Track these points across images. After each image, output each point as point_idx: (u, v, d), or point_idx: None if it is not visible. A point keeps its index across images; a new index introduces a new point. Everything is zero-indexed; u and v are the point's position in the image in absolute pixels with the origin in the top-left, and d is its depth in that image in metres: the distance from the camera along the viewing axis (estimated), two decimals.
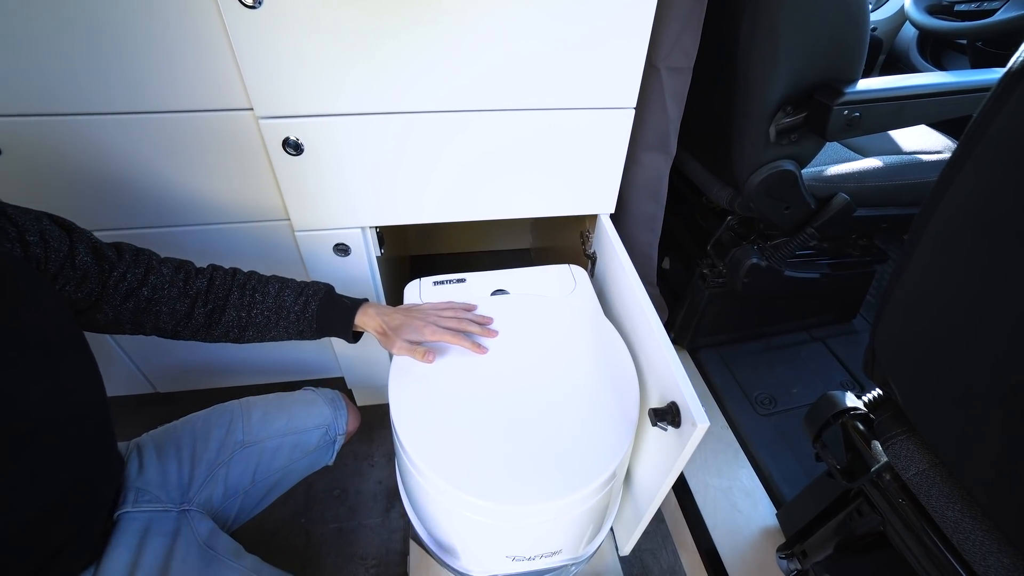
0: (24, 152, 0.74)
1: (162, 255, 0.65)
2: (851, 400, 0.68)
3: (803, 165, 0.94)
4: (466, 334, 0.73)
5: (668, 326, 1.26)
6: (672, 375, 0.60)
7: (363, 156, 0.75)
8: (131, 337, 0.99)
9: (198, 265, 0.67)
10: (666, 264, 1.45)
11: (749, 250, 1.07)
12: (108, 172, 0.77)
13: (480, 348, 0.73)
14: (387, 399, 1.08)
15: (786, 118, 0.85)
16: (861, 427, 0.64)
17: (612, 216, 0.90)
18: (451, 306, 0.78)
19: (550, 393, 0.67)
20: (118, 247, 0.60)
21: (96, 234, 0.59)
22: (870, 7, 1.59)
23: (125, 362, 1.04)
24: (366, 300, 0.73)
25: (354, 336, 0.73)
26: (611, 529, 0.87)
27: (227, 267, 0.69)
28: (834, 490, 0.76)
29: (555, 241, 1.33)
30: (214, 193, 0.82)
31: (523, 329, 0.76)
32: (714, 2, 0.74)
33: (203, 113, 0.73)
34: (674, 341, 1.26)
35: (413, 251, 1.69)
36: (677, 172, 1.14)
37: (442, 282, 0.84)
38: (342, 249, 0.86)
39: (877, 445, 0.61)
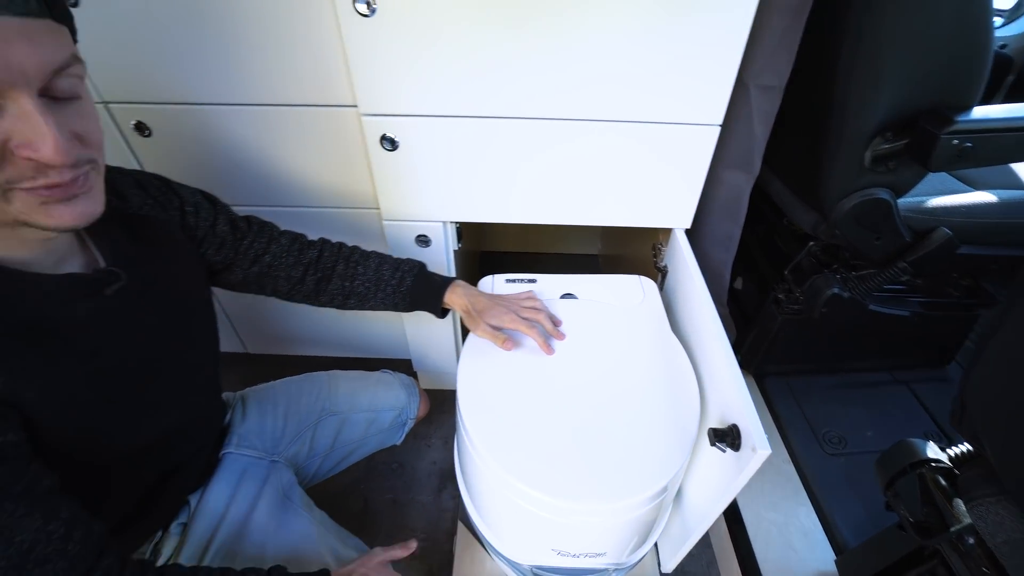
0: (169, 134, 0.86)
1: None
2: (933, 451, 0.64)
3: (900, 194, 0.88)
4: (540, 331, 0.77)
5: (735, 348, 1.22)
6: (736, 397, 0.60)
7: (452, 155, 0.80)
8: (234, 302, 1.13)
9: (310, 238, 0.76)
10: (739, 284, 1.40)
11: (831, 279, 1.02)
12: (233, 155, 0.88)
13: (548, 347, 0.76)
14: (449, 385, 1.14)
15: (884, 144, 0.80)
16: (943, 482, 0.60)
17: (687, 231, 0.89)
18: (532, 298, 0.82)
19: (611, 399, 0.69)
20: (248, 220, 0.70)
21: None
22: (998, 22, 1.45)
23: (225, 323, 1.17)
24: (455, 279, 0.79)
25: (442, 312, 0.79)
26: (656, 543, 0.86)
27: (335, 241, 0.77)
28: (905, 545, 0.71)
29: (625, 250, 1.33)
30: (317, 180, 0.91)
31: (590, 334, 0.78)
32: (812, 19, 0.72)
33: (314, 108, 0.81)
34: (740, 365, 1.22)
35: (485, 247, 1.74)
36: (759, 191, 1.10)
37: (514, 280, 0.88)
38: (423, 240, 0.92)
39: (960, 504, 0.57)
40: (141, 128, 0.85)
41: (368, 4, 0.64)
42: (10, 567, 0.39)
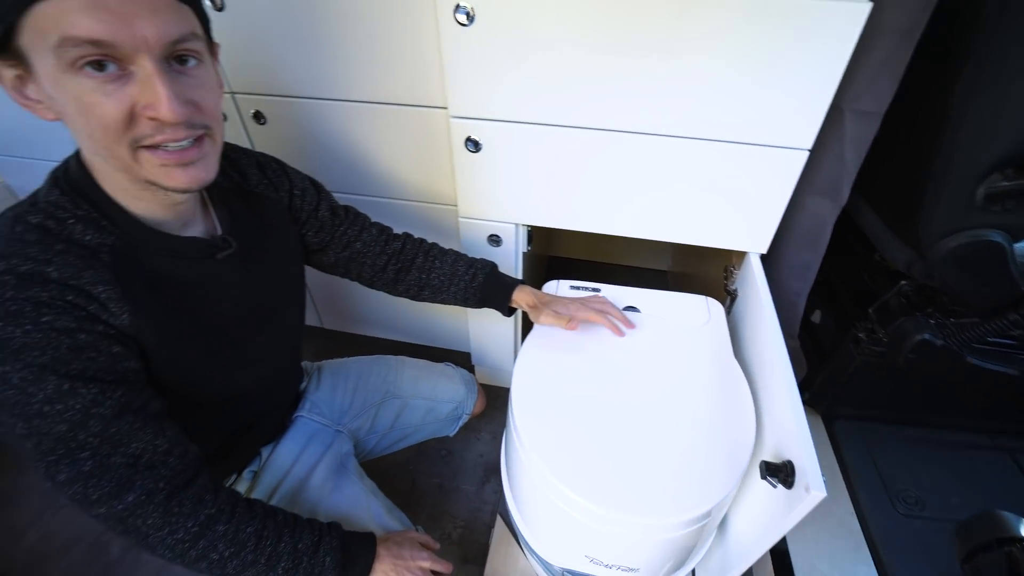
0: (281, 122, 0.96)
1: None
2: None
3: (1017, 238, 0.80)
4: (609, 319, 0.79)
5: (804, 384, 1.15)
6: (795, 432, 0.57)
7: (531, 160, 0.83)
8: (319, 281, 1.23)
9: (395, 231, 0.82)
10: (816, 317, 1.32)
11: (922, 323, 0.94)
12: (332, 145, 0.96)
13: (618, 329, 0.78)
14: (504, 383, 1.17)
15: (1004, 181, 0.73)
16: None
17: (762, 256, 0.86)
18: (601, 299, 0.84)
19: (663, 416, 0.69)
20: (346, 208, 0.78)
21: None
22: None
23: (308, 299, 1.28)
24: (523, 281, 0.83)
25: (509, 311, 0.83)
26: (694, 571, 0.84)
27: (416, 236, 0.83)
28: None
29: (695, 269, 1.29)
30: (403, 174, 0.97)
31: (649, 350, 0.78)
32: (923, 41, 0.67)
33: (407, 107, 0.87)
34: (807, 402, 1.15)
35: (553, 251, 1.76)
36: (846, 220, 1.04)
37: (578, 287, 0.89)
38: (495, 240, 0.96)
39: None
40: (258, 116, 0.96)
41: (467, 15, 0.68)
42: (125, 466, 0.46)
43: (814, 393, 1.18)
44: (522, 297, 0.81)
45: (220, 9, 0.82)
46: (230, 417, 0.66)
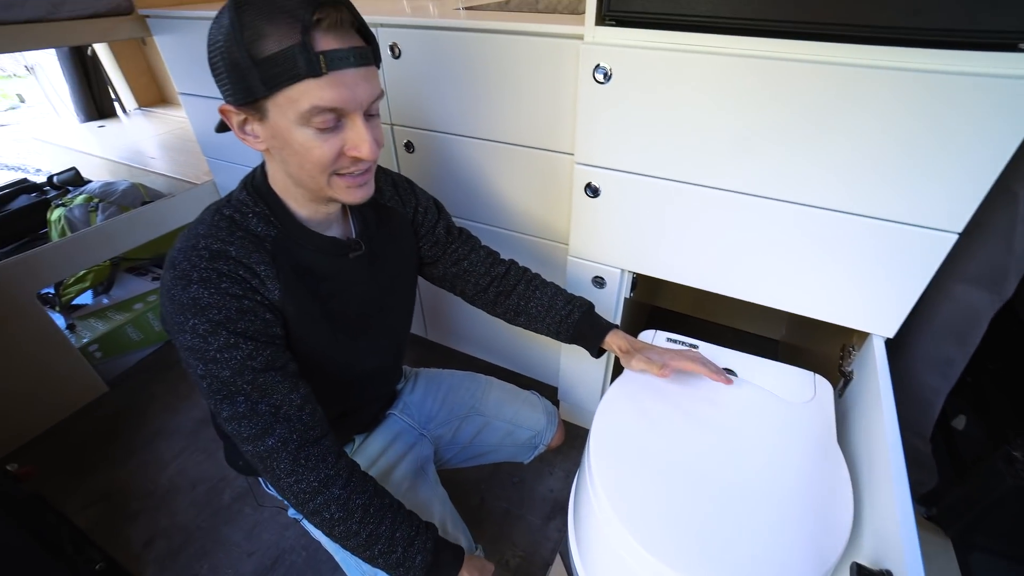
0: (426, 153, 1.09)
1: None
2: None
3: None
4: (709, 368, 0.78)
5: (931, 497, 1.00)
6: (901, 541, 0.52)
7: (647, 211, 0.85)
8: (430, 295, 1.35)
9: (502, 257, 0.90)
10: (959, 423, 1.14)
11: None
12: (465, 177, 1.07)
13: (721, 376, 0.77)
14: (585, 423, 1.17)
15: None
16: None
17: (889, 341, 0.78)
18: (695, 352, 0.83)
19: (749, 491, 0.65)
20: (460, 230, 0.87)
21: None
22: None
23: (418, 309, 1.41)
24: (618, 326, 0.85)
25: (599, 351, 0.85)
26: None
27: (521, 265, 0.89)
28: None
29: (809, 343, 1.20)
30: (523, 209, 1.05)
31: (742, 416, 0.75)
32: None
33: (537, 150, 0.95)
34: (933, 518, 0.99)
35: (656, 301, 1.74)
36: (1009, 313, 0.90)
37: (676, 341, 0.88)
38: (599, 281, 0.99)
39: None
40: (408, 146, 1.10)
41: (605, 74, 0.74)
42: (268, 414, 0.57)
43: (945, 510, 1.02)
44: (615, 341, 0.82)
45: (397, 57, 0.97)
46: (337, 400, 0.76)
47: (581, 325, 0.83)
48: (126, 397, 1.51)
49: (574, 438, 1.32)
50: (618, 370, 0.86)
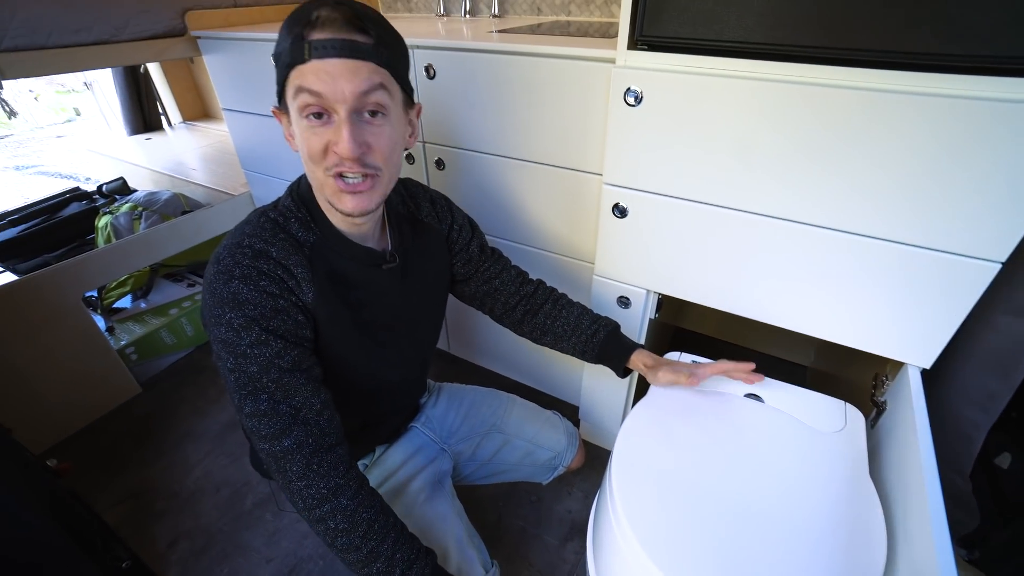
0: (456, 170, 1.12)
1: None
2: None
3: None
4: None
5: (972, 540, 0.95)
6: None
7: (675, 233, 0.85)
8: (455, 311, 1.36)
9: (531, 276, 0.90)
10: (1003, 461, 1.08)
11: None
12: (494, 194, 1.09)
13: (751, 376, 0.79)
14: (605, 444, 1.16)
15: None
16: None
17: (925, 371, 0.76)
18: (722, 362, 0.83)
19: (775, 522, 0.63)
20: (493, 249, 0.88)
21: None
22: None
23: (443, 323, 1.42)
24: (643, 345, 0.85)
25: (624, 371, 0.85)
26: None
27: (549, 285, 0.90)
28: None
29: (840, 370, 1.16)
30: (550, 228, 1.06)
31: (768, 444, 0.73)
32: None
33: (565, 170, 0.96)
34: (975, 562, 0.94)
35: (681, 322, 1.72)
36: None
37: (700, 363, 0.86)
38: (624, 301, 0.99)
39: None
40: (439, 163, 1.13)
41: (636, 97, 0.75)
42: (288, 415, 0.58)
43: (988, 554, 0.97)
44: (639, 359, 0.82)
45: (432, 78, 1.00)
46: (360, 410, 0.77)
47: (607, 344, 0.83)
48: (158, 399, 1.56)
49: (594, 459, 1.31)
50: (640, 391, 0.85)
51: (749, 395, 0.81)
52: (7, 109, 1.28)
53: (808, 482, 0.68)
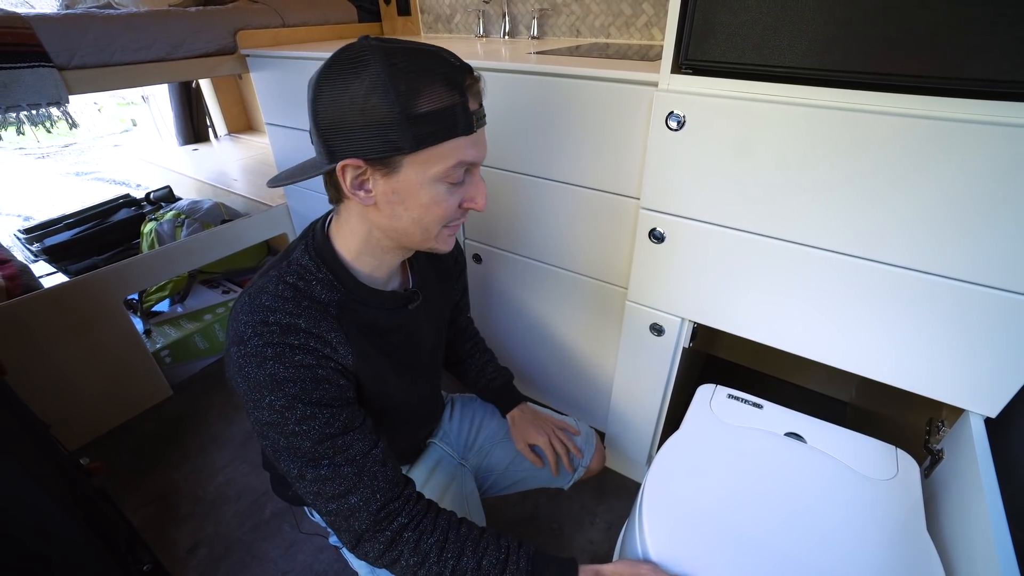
0: (495, 191, 1.11)
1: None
2: None
3: None
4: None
5: None
6: None
7: (714, 261, 0.82)
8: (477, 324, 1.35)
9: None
10: None
11: None
12: (529, 214, 1.08)
13: (563, 466, 0.83)
14: (629, 473, 1.12)
15: None
16: None
17: (990, 420, 0.70)
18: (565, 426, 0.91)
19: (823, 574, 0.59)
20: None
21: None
22: None
23: None
24: (527, 399, 0.90)
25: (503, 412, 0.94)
26: None
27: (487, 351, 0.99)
28: None
29: (884, 409, 1.10)
30: (583, 250, 1.04)
31: (812, 489, 0.68)
32: None
33: (603, 193, 0.94)
34: None
35: (712, 349, 1.66)
36: None
37: (736, 398, 0.83)
38: (657, 329, 0.96)
39: None
40: None
41: (679, 122, 0.74)
42: (352, 475, 0.57)
43: None
44: (517, 412, 0.93)
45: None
46: (397, 438, 0.77)
47: (502, 390, 0.94)
48: (188, 402, 1.59)
49: (618, 488, 1.26)
50: (670, 423, 0.81)
51: (789, 434, 0.77)
52: (70, 121, 1.37)
53: (857, 533, 0.63)
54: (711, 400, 0.83)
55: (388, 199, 0.55)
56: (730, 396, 0.83)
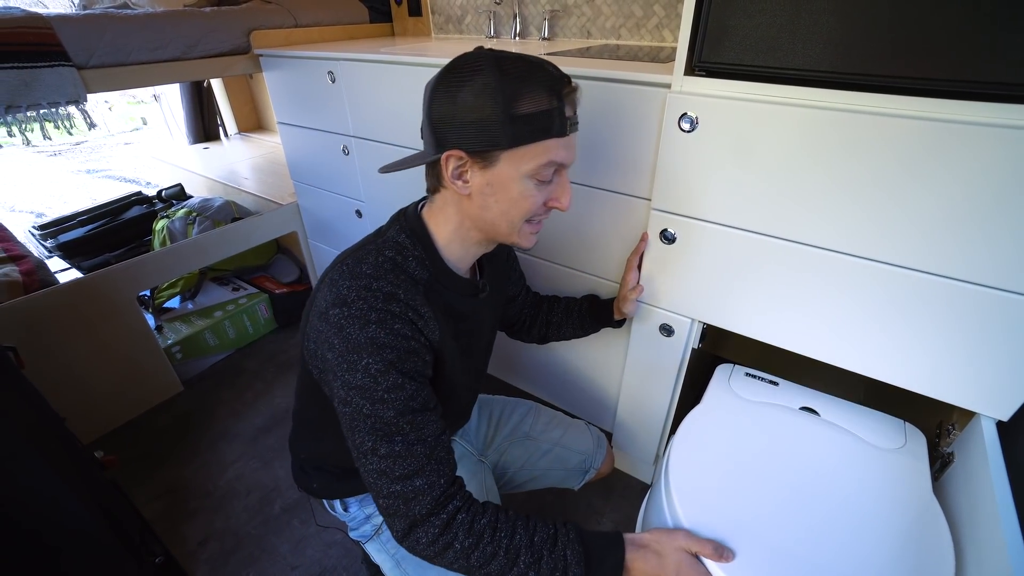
0: None
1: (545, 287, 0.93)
2: None
3: None
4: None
5: None
6: None
7: (725, 263, 0.83)
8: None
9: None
10: None
11: None
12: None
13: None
14: (636, 474, 1.13)
15: None
16: None
17: (1001, 424, 0.70)
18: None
19: (836, 540, 0.61)
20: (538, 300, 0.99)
21: None
22: None
23: None
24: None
25: (618, 322, 0.99)
26: None
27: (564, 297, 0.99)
28: None
29: (893, 411, 1.09)
30: (595, 251, 1.05)
31: (826, 459, 0.72)
32: None
33: (614, 194, 0.95)
34: None
35: (720, 351, 1.65)
36: None
37: (754, 376, 0.87)
38: (667, 330, 0.96)
39: None
40: None
41: (691, 123, 0.74)
42: (423, 455, 0.58)
43: None
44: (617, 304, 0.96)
45: None
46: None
47: (597, 310, 0.97)
48: (198, 398, 1.60)
49: (625, 488, 1.27)
50: (678, 424, 0.82)
51: (804, 408, 0.79)
52: (88, 121, 1.39)
53: (872, 497, 0.66)
54: (729, 378, 0.88)
55: (482, 190, 0.60)
56: (748, 374, 0.87)
